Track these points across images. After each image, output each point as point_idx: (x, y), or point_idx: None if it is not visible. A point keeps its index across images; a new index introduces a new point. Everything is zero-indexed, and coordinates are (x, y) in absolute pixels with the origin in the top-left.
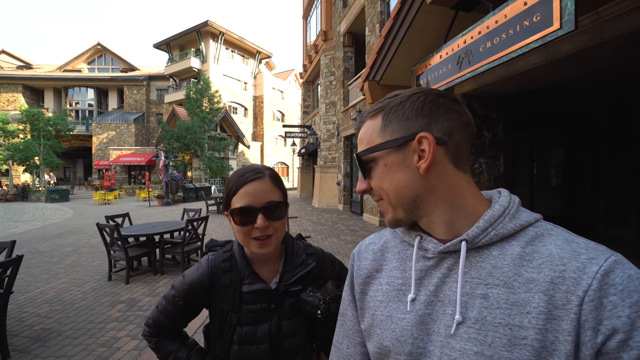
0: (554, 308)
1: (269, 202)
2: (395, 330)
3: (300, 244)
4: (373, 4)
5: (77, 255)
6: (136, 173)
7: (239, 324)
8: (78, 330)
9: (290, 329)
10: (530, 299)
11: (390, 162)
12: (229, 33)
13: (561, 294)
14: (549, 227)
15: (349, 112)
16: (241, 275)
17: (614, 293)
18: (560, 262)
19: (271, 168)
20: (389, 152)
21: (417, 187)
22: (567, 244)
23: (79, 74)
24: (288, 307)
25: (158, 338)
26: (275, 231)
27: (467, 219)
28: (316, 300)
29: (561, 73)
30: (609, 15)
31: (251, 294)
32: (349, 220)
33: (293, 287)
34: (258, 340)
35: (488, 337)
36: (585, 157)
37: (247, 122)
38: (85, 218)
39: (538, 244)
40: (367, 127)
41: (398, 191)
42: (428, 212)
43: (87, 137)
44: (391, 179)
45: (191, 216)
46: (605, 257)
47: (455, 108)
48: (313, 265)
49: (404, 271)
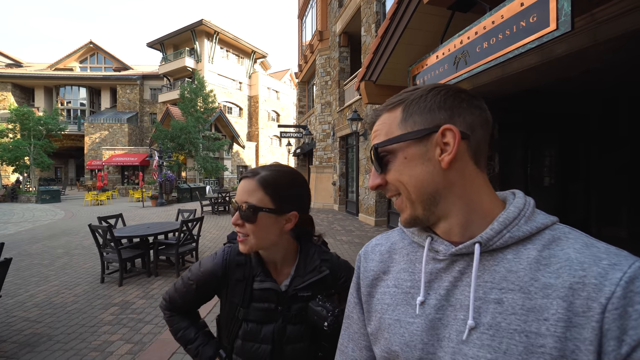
0: (573, 315)
1: (244, 202)
2: (404, 335)
3: (316, 248)
4: (369, 4)
5: (68, 257)
6: (129, 173)
7: (246, 320)
8: (69, 334)
9: (294, 335)
10: (548, 305)
11: (410, 155)
12: (224, 32)
13: (581, 300)
14: (566, 230)
15: (345, 112)
16: (254, 271)
17: (639, 302)
18: (580, 267)
19: (274, 173)
20: (409, 144)
21: (438, 181)
22: (587, 248)
23: (70, 72)
24: (295, 312)
25: (171, 312)
26: (251, 233)
27: (482, 220)
28: (324, 312)
29: (556, 74)
30: (602, 17)
31: (261, 291)
32: (344, 221)
33: (303, 293)
34: (261, 339)
35: (503, 344)
36: (578, 158)
37: (242, 122)
38: (77, 219)
39: (555, 248)
40: (385, 119)
41: (418, 185)
42: (446, 210)
43: (79, 137)
44: (411, 172)
45: (186, 217)
46: (629, 263)
47: (477, 104)
48: (326, 273)
49: (412, 273)
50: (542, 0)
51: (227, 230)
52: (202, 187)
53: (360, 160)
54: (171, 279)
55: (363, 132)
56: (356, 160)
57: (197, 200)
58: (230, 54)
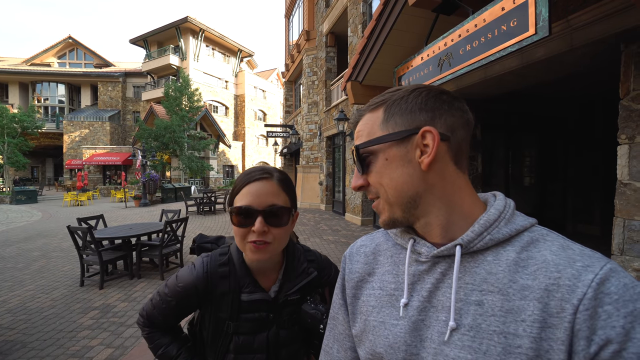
0: (548, 316)
1: (271, 205)
2: (389, 337)
3: (301, 248)
4: (355, 4)
5: (45, 260)
6: (111, 173)
7: (236, 333)
8: (45, 340)
9: (288, 339)
10: (525, 307)
11: (391, 156)
12: (210, 30)
13: (556, 301)
14: (544, 232)
15: (332, 112)
16: (240, 283)
17: (609, 302)
18: (555, 269)
19: (282, 171)
20: (390, 145)
21: (418, 184)
22: (563, 250)
23: (48, 68)
24: (287, 317)
25: (150, 329)
26: (275, 239)
27: (463, 221)
28: (319, 314)
29: (535, 78)
30: (577, 23)
31: (250, 303)
32: (331, 220)
33: (292, 297)
34: (255, 349)
35: (483, 344)
36: (556, 159)
37: (228, 121)
38: (55, 220)
39: (533, 250)
40: (367, 120)
41: (398, 188)
42: (426, 212)
43: (57, 135)
44: (391, 174)
45: (170, 217)
46: (600, 265)
47: (458, 105)
48: (314, 275)
49: (396, 275)
50: (522, 6)
51: (213, 230)
52: (187, 187)
53: (347, 160)
54: (155, 280)
55: (349, 132)
56: (343, 160)
57: (182, 201)
58: (216, 52)
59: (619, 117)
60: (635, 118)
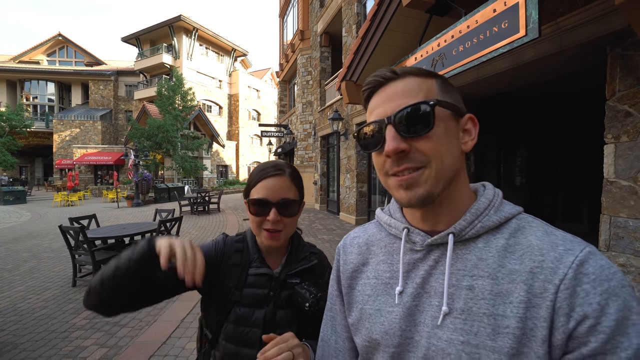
0: (532, 297)
1: (283, 198)
2: (384, 324)
3: (305, 242)
4: (350, 5)
5: (36, 260)
6: (103, 173)
7: (238, 303)
8: (37, 341)
9: (284, 319)
10: (512, 289)
11: (450, 127)
12: (203, 29)
13: (539, 282)
14: (529, 219)
15: (326, 112)
16: (250, 257)
17: (587, 282)
18: (540, 253)
19: (293, 166)
20: (450, 116)
21: (459, 163)
22: (546, 235)
23: (37, 66)
24: (284, 298)
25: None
26: (285, 227)
27: (457, 209)
28: (307, 294)
29: (526, 79)
30: (566, 25)
31: (255, 277)
32: (325, 220)
33: (292, 279)
34: (252, 323)
35: (474, 327)
36: (546, 158)
37: (222, 121)
38: (45, 221)
39: (520, 236)
40: (417, 82)
41: (451, 161)
42: (451, 193)
43: (47, 135)
44: (449, 145)
45: (164, 217)
46: (580, 248)
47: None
48: (315, 262)
49: (391, 264)
50: (513, 8)
51: (207, 230)
52: (181, 187)
53: (341, 160)
54: None
55: (344, 131)
56: (337, 160)
57: (175, 201)
58: (210, 52)
59: (606, 117)
60: (621, 118)
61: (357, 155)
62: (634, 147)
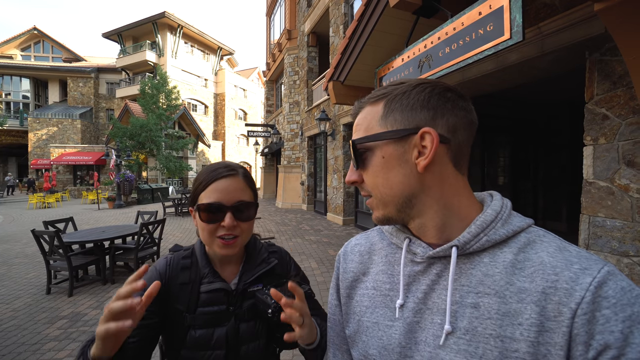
0: (545, 320)
1: (239, 201)
2: (382, 338)
3: (262, 243)
4: (337, 5)
5: (6, 267)
6: (83, 173)
7: (193, 327)
8: (4, 356)
9: (248, 333)
10: (522, 310)
11: (388, 154)
12: (188, 26)
13: (553, 305)
14: (540, 233)
15: (313, 112)
16: (201, 273)
17: (607, 306)
18: (553, 272)
19: (244, 167)
20: (388, 143)
21: (413, 185)
22: (560, 252)
23: (9, 61)
24: (246, 309)
25: None
26: (242, 232)
27: (460, 222)
28: (269, 299)
29: (509, 81)
30: (547, 30)
31: (209, 294)
32: (313, 220)
33: (252, 287)
34: (213, 345)
35: (479, 349)
36: (527, 158)
37: (208, 121)
38: (18, 224)
39: (530, 251)
40: (366, 113)
41: (392, 187)
42: (421, 212)
43: (21, 133)
44: (387, 173)
45: (146, 219)
46: (598, 268)
47: (463, 105)
48: (275, 263)
49: (391, 275)
50: (497, 11)
51: (191, 232)
52: (165, 188)
53: (328, 160)
54: None
55: (331, 132)
56: (324, 160)
57: (159, 202)
58: (195, 50)
59: (585, 120)
60: (599, 121)
61: (344, 155)
62: (610, 149)
